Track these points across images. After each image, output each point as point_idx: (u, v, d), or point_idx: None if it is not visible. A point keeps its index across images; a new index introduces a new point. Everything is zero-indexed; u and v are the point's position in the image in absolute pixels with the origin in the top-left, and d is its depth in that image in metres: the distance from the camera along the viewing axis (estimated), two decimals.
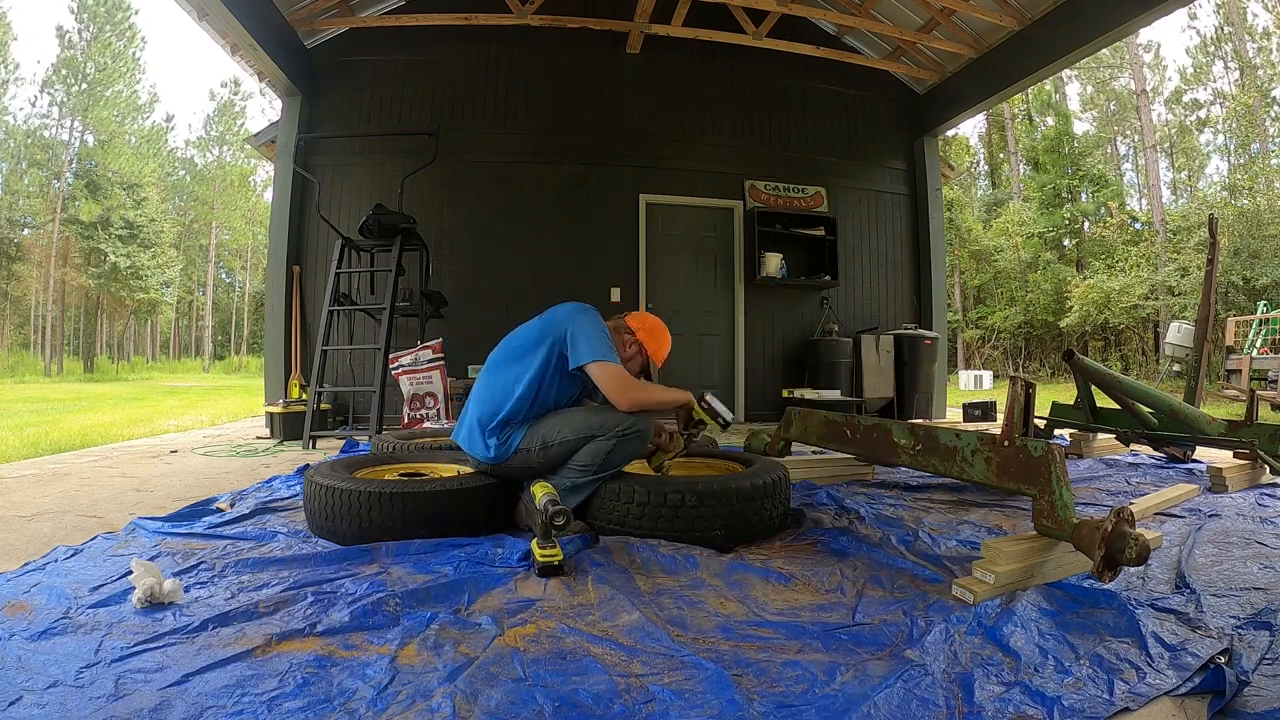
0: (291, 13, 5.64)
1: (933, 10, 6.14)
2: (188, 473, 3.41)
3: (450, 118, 6.16)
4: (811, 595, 1.64)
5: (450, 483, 2.11)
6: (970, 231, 23.44)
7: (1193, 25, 22.26)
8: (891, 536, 2.05)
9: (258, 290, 35.44)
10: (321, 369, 4.66)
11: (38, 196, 26.21)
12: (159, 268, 27.43)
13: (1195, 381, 4.01)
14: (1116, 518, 1.57)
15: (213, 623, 1.37)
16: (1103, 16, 5.02)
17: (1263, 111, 18.16)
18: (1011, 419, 1.98)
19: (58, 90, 27.07)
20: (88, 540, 1.98)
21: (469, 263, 6.11)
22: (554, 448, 2.07)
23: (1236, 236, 15.26)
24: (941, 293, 7.13)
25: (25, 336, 27.65)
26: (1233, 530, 2.25)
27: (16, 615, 1.39)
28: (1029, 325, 21.12)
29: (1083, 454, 3.93)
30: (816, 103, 6.98)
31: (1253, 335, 10.15)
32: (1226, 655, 1.27)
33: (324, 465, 2.33)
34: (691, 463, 2.68)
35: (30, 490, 2.86)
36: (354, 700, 1.10)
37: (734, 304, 6.70)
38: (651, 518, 1.99)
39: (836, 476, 3.17)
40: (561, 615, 1.47)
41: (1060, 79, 23.71)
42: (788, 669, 1.23)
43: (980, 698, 1.13)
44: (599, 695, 1.12)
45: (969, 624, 1.42)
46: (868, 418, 2.94)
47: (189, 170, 35.77)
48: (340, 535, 1.99)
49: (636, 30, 6.11)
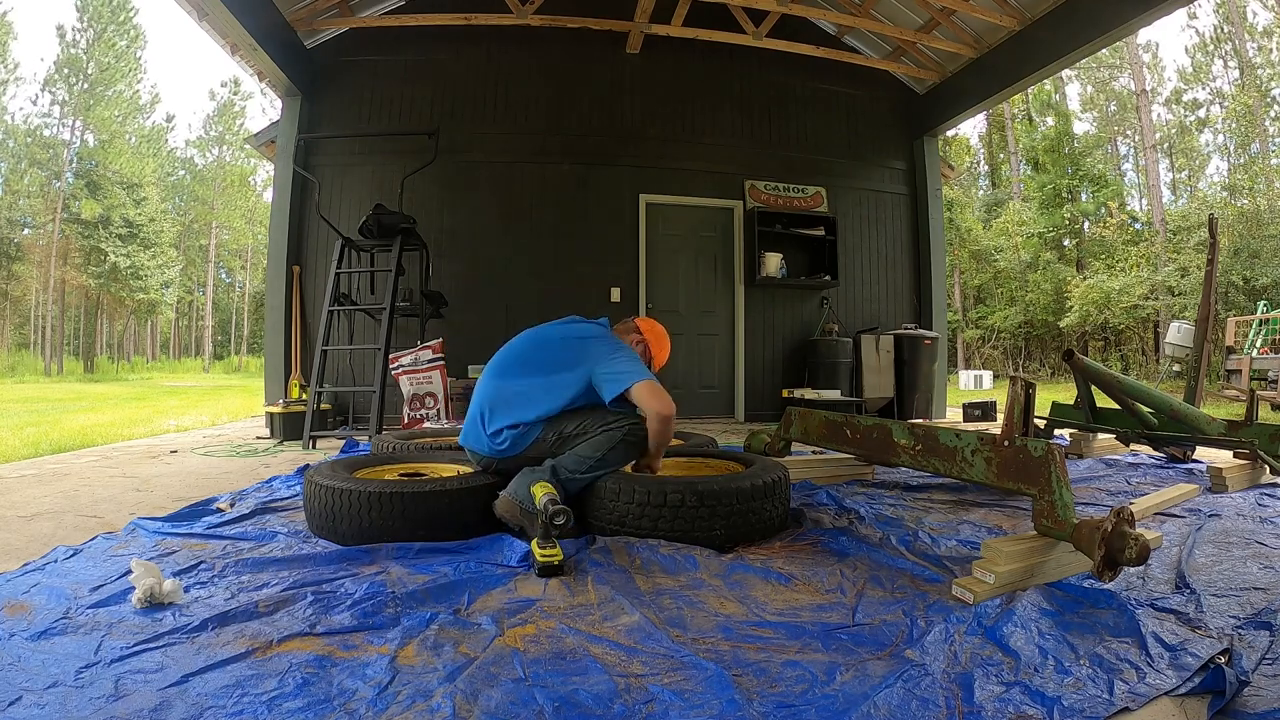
0: (291, 13, 5.64)
1: (933, 10, 6.15)
2: (188, 473, 3.40)
3: (450, 118, 6.16)
4: (811, 595, 1.64)
5: (451, 483, 2.11)
6: (970, 231, 23.43)
7: (1192, 25, 22.22)
8: (891, 536, 2.05)
9: (258, 290, 35.42)
10: (321, 369, 4.66)
11: (38, 196, 26.20)
12: (159, 268, 27.42)
13: (1195, 381, 4.00)
14: (1116, 518, 1.57)
15: (213, 623, 1.37)
16: (1102, 16, 5.02)
17: (1263, 111, 18.16)
18: (1011, 419, 1.98)
19: (59, 89, 27.07)
20: (88, 540, 1.98)
21: (469, 263, 6.11)
22: (570, 440, 2.17)
23: (1236, 236, 15.26)
24: (941, 293, 7.13)
25: (25, 336, 27.64)
26: (1233, 530, 2.25)
27: (16, 615, 1.39)
28: (1029, 325, 21.13)
29: (1083, 454, 3.93)
30: (816, 103, 6.98)
31: (1253, 335, 10.15)
32: (1226, 655, 1.27)
33: (324, 465, 2.32)
34: (691, 462, 2.68)
35: (30, 490, 2.86)
36: (354, 700, 1.10)
37: (734, 304, 6.70)
38: (651, 518, 1.99)
39: (836, 476, 3.17)
40: (561, 615, 1.47)
41: (1060, 79, 23.71)
42: (788, 669, 1.22)
43: (980, 698, 1.13)
44: (599, 695, 1.12)
45: (969, 624, 1.41)
46: (868, 418, 2.94)
47: (189, 170, 35.78)
48: (340, 535, 1.99)
49: (636, 30, 6.11)
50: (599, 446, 2.11)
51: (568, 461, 2.10)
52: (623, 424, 2.14)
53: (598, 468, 2.11)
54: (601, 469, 2.11)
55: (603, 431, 2.13)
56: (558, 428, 2.17)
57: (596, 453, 2.10)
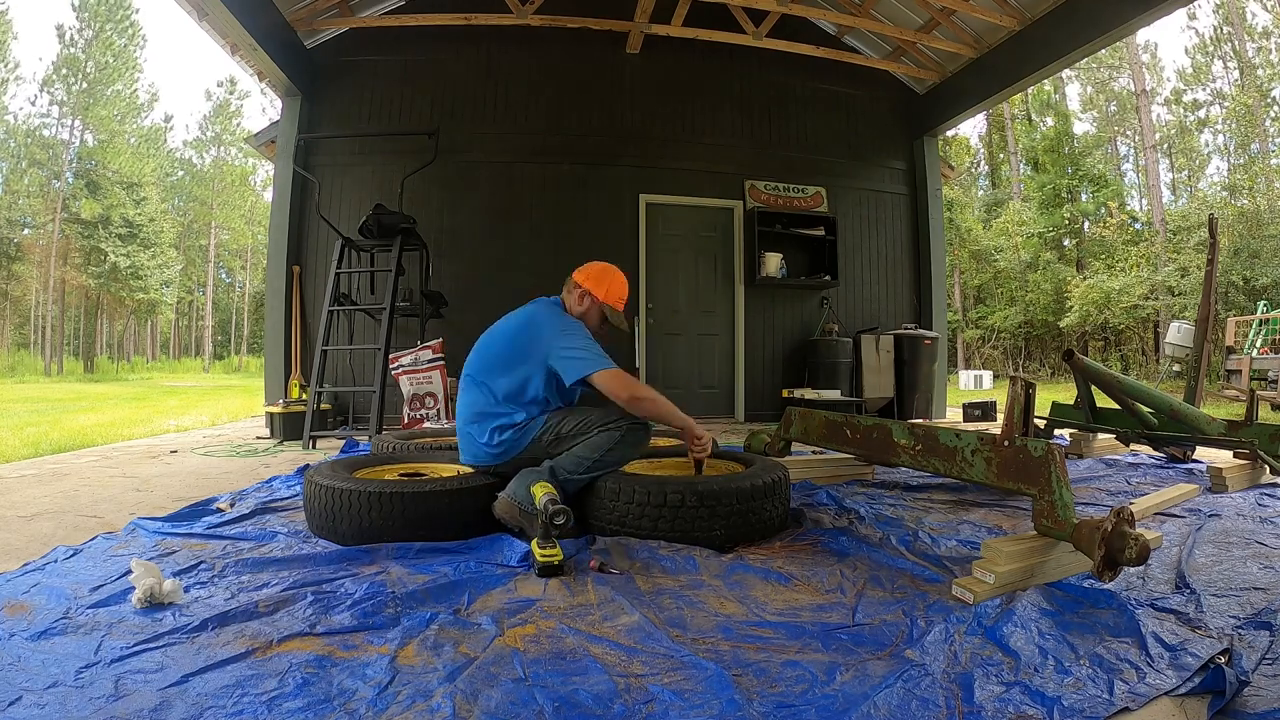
0: (291, 13, 5.64)
1: (933, 10, 6.14)
2: (188, 473, 3.40)
3: (450, 118, 6.15)
4: (811, 595, 1.64)
5: (450, 483, 2.11)
6: (970, 231, 23.43)
7: (1192, 25, 22.23)
8: (891, 537, 2.05)
9: (258, 290, 35.42)
10: (321, 369, 4.66)
11: (38, 196, 26.19)
12: (159, 268, 27.42)
13: (1195, 381, 4.00)
14: (1116, 518, 1.57)
15: (213, 623, 1.37)
16: (1102, 17, 5.02)
17: (1262, 111, 18.16)
18: (1011, 419, 1.98)
19: (58, 89, 27.05)
20: (88, 540, 1.98)
21: (469, 263, 6.11)
22: (566, 440, 2.17)
23: (1236, 236, 15.25)
24: (941, 293, 7.13)
25: (25, 336, 27.64)
26: (1233, 530, 2.25)
27: (16, 615, 1.39)
28: (1029, 325, 21.12)
29: (1083, 454, 3.93)
30: (816, 103, 6.98)
31: (1253, 335, 10.15)
32: (1226, 655, 1.27)
33: (324, 465, 2.33)
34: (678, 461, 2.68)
35: (30, 490, 2.86)
36: (354, 700, 1.10)
37: (734, 304, 6.70)
38: (651, 518, 1.99)
39: (836, 476, 3.17)
40: (561, 615, 1.47)
41: (1060, 79, 23.71)
42: (787, 669, 1.23)
43: (980, 698, 1.13)
44: (599, 695, 1.12)
45: (969, 624, 1.42)
46: (868, 418, 2.94)
47: (188, 170, 35.76)
48: (340, 535, 1.99)
49: (636, 30, 6.11)
50: (597, 447, 2.11)
51: (566, 463, 2.11)
52: (621, 424, 2.14)
53: (595, 469, 2.11)
54: (600, 470, 2.12)
55: (601, 432, 2.13)
56: (555, 428, 2.18)
57: (595, 453, 2.11)
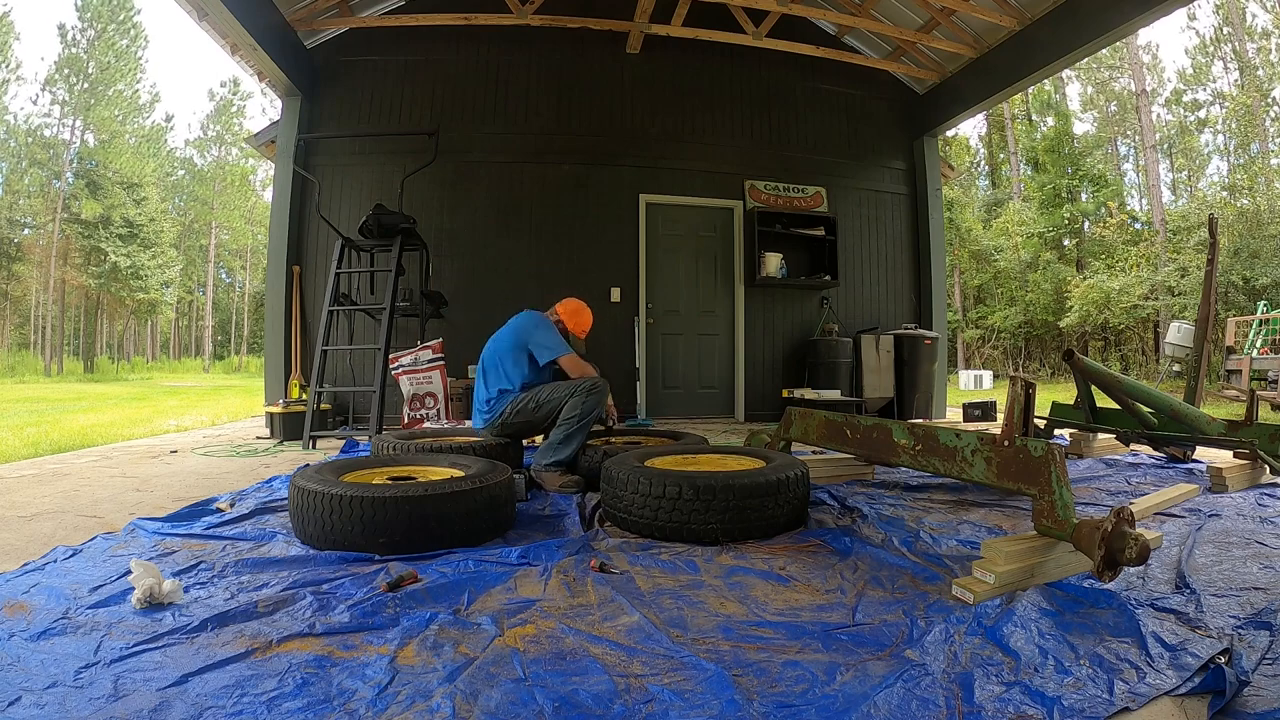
0: (291, 13, 5.64)
1: (933, 10, 6.14)
2: (187, 473, 3.40)
3: (450, 118, 6.15)
4: (811, 595, 1.64)
5: (440, 486, 2.01)
6: (970, 231, 23.42)
7: (1192, 26, 22.25)
8: (893, 537, 2.05)
9: (258, 290, 35.41)
10: (321, 369, 4.66)
11: (38, 196, 26.19)
12: (159, 268, 27.40)
13: (1195, 381, 4.00)
14: (1116, 518, 1.57)
15: (212, 623, 1.37)
16: (1102, 17, 5.02)
17: (1262, 112, 18.15)
18: (1011, 419, 1.98)
19: (59, 89, 27.04)
20: (87, 540, 1.98)
21: (469, 263, 6.11)
22: (545, 405, 3.00)
23: (1236, 236, 15.25)
24: (941, 293, 7.12)
25: (25, 336, 27.62)
26: (1233, 530, 2.25)
27: (16, 615, 1.39)
28: (1029, 325, 21.11)
29: (1083, 454, 3.93)
30: (816, 103, 6.98)
31: (1253, 335, 10.15)
32: (1226, 655, 1.27)
33: (310, 469, 2.25)
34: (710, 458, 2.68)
35: (30, 490, 2.86)
36: (354, 700, 1.10)
37: (734, 304, 6.70)
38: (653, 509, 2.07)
39: (836, 476, 3.17)
40: (561, 615, 1.47)
41: (1060, 79, 23.70)
42: (788, 669, 1.22)
43: (980, 698, 1.13)
44: (599, 695, 1.12)
45: (969, 624, 1.41)
46: (868, 418, 2.94)
47: (189, 170, 35.75)
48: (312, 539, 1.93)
49: (636, 30, 6.11)
50: (574, 407, 2.91)
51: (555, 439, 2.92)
52: (584, 384, 2.96)
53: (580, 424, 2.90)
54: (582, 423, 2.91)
55: (571, 396, 2.93)
56: (535, 396, 3.01)
57: (574, 412, 2.90)
